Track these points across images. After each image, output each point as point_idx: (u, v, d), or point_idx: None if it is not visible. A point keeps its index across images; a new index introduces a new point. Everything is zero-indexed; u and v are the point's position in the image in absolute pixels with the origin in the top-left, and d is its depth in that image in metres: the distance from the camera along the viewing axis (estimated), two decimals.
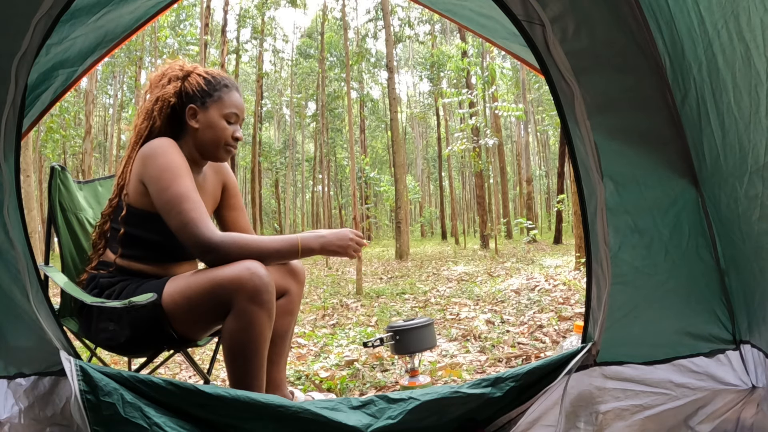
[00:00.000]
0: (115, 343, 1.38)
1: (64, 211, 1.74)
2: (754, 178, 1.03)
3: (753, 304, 1.19)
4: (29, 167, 6.45)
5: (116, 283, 1.42)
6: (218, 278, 1.27)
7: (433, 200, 39.09)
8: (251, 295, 1.24)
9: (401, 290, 5.55)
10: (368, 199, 25.38)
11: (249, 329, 1.26)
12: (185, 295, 1.30)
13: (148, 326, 1.33)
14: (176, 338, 1.36)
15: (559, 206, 12.66)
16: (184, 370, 2.63)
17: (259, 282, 1.25)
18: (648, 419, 1.23)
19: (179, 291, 1.31)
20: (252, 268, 1.25)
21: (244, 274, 1.24)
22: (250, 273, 1.25)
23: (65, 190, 1.75)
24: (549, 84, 1.28)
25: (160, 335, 1.35)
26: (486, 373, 2.12)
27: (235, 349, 1.28)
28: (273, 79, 31.29)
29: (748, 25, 0.93)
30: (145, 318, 1.32)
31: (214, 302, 1.28)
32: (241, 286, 1.24)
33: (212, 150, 1.52)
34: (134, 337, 1.35)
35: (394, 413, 1.18)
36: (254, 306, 1.25)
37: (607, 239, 1.25)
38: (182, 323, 1.34)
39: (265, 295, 1.26)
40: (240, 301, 1.24)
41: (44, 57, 1.60)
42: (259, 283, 1.24)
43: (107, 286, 1.42)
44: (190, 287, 1.30)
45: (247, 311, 1.25)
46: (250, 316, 1.25)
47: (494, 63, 10.07)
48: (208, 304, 1.29)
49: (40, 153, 17.47)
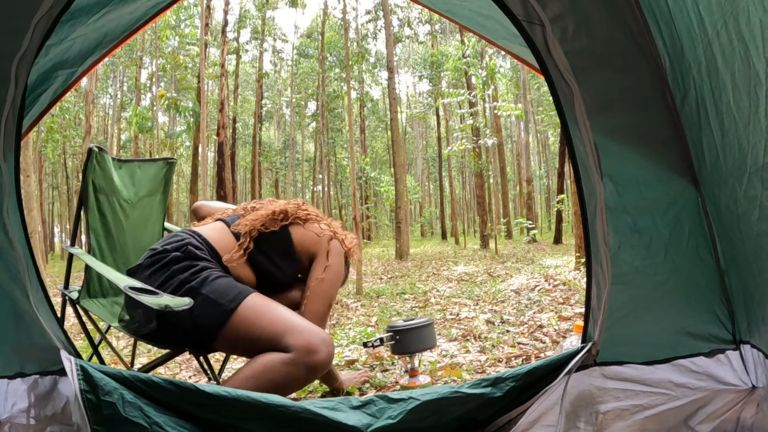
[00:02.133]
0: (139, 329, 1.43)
1: (97, 191, 1.76)
2: (754, 179, 1.03)
3: (753, 305, 1.19)
4: (29, 167, 6.45)
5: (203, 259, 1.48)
6: (298, 327, 1.35)
7: (433, 200, 39.09)
8: (312, 364, 1.32)
9: (401, 290, 5.55)
10: (368, 199, 25.38)
11: (286, 378, 1.32)
12: (259, 323, 1.36)
13: (180, 325, 1.38)
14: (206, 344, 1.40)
15: (559, 206, 12.66)
16: (184, 370, 2.63)
17: (326, 359, 1.34)
18: (648, 419, 1.24)
19: (252, 317, 1.36)
20: (328, 343, 1.35)
21: (320, 344, 1.33)
22: (326, 347, 1.34)
23: (101, 171, 1.77)
24: (549, 84, 1.28)
25: (188, 335, 1.38)
26: (486, 373, 2.12)
27: (261, 376, 1.31)
28: (273, 79, 31.27)
29: (747, 25, 0.93)
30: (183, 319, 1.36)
31: (279, 343, 1.34)
32: (311, 350, 1.31)
33: None
34: (161, 331, 1.39)
35: (394, 413, 1.18)
36: (306, 372, 1.32)
37: (607, 239, 1.25)
38: (231, 339, 1.38)
39: (319, 372, 1.36)
40: (301, 359, 1.31)
41: (44, 57, 1.60)
42: (324, 360, 1.34)
43: (197, 258, 1.47)
44: (268, 318, 1.37)
45: (299, 371, 1.32)
46: (296, 374, 1.32)
47: (492, 62, 10.05)
48: (270, 342, 1.34)
49: (40, 153, 17.47)
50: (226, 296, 1.38)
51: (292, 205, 1.71)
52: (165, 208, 2.22)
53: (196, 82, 14.48)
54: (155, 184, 2.16)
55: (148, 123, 12.56)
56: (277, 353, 1.32)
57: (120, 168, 1.93)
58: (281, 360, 1.31)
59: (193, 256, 1.47)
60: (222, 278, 1.44)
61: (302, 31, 29.36)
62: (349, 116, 6.66)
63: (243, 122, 27.91)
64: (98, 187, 1.76)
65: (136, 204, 2.04)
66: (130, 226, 1.98)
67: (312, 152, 32.66)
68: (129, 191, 1.96)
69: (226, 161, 15.02)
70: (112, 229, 1.82)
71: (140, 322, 1.41)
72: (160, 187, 2.18)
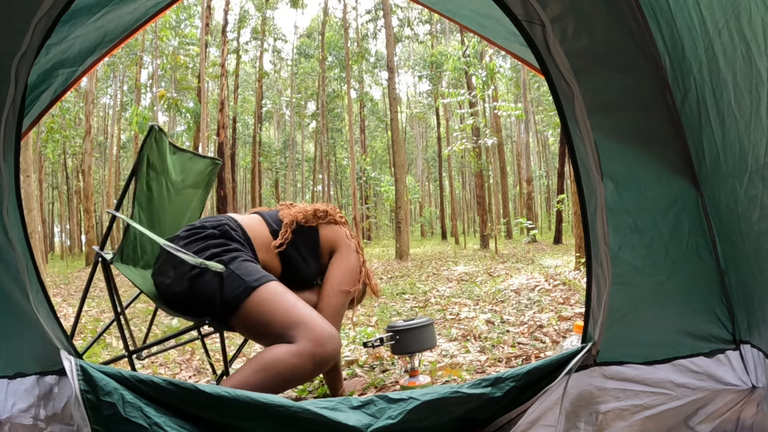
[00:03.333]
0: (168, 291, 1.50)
1: (150, 166, 1.81)
2: (754, 178, 1.03)
3: (753, 304, 1.19)
4: (29, 167, 6.45)
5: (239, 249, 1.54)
6: (311, 320, 1.38)
7: (433, 200, 39.10)
8: (319, 357, 1.34)
9: (401, 290, 5.55)
10: (368, 199, 25.39)
11: (291, 370, 1.33)
12: (275, 306, 1.40)
13: (206, 292, 1.43)
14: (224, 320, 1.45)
15: (559, 206, 12.66)
16: (184, 370, 2.63)
17: (333, 354, 1.37)
18: (648, 419, 1.23)
19: (270, 300, 1.41)
20: (336, 339, 1.38)
21: (327, 338, 1.36)
22: (334, 342, 1.37)
23: (157, 149, 1.82)
24: (549, 84, 1.28)
25: (211, 305, 1.43)
26: (486, 373, 2.12)
27: (269, 368, 1.32)
28: (273, 79, 31.27)
29: (749, 24, 0.93)
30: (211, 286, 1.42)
31: (289, 332, 1.36)
32: (319, 343, 1.34)
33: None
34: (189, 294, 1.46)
35: (394, 413, 1.18)
36: (312, 364, 1.34)
37: (607, 239, 1.25)
38: (247, 318, 1.42)
39: (325, 365, 1.38)
40: (309, 350, 1.33)
41: (44, 57, 1.60)
42: (332, 354, 1.36)
43: (232, 239, 1.56)
44: (284, 304, 1.41)
45: (306, 362, 1.33)
46: (303, 366, 1.33)
47: (492, 62, 10.05)
48: (281, 329, 1.37)
49: (40, 153, 17.48)
50: (252, 275, 1.45)
51: (331, 208, 1.82)
52: (204, 204, 2.33)
53: (196, 82, 14.49)
54: (200, 178, 2.27)
55: (148, 123, 12.56)
56: (285, 345, 1.35)
57: (174, 154, 2.00)
58: (288, 351, 1.33)
59: (229, 236, 1.57)
60: (250, 262, 1.53)
61: (302, 31, 29.37)
62: (349, 116, 6.67)
63: (243, 122, 27.91)
64: (151, 164, 1.82)
65: (181, 190, 2.11)
66: (172, 208, 2.05)
67: (312, 152, 32.67)
68: (177, 176, 2.03)
69: (226, 161, 15.03)
70: (155, 204, 1.89)
71: (173, 279, 1.50)
72: (204, 182, 2.30)
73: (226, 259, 1.47)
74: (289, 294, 1.47)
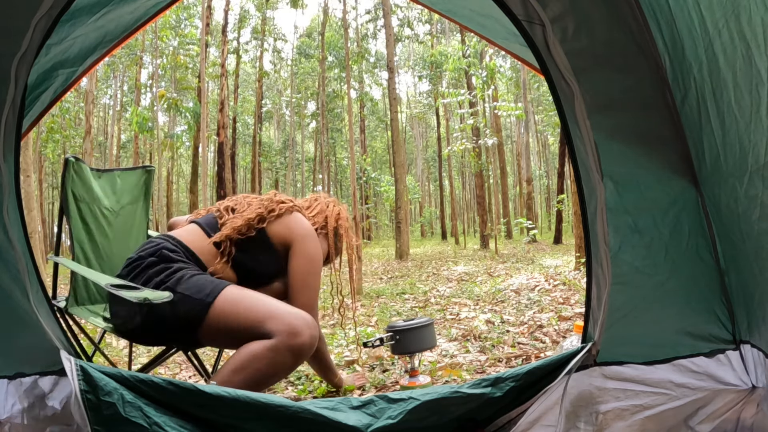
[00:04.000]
0: (126, 329, 1.44)
1: (77, 201, 1.77)
2: (755, 178, 1.03)
3: (753, 304, 1.19)
4: (29, 167, 6.45)
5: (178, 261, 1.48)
6: (278, 312, 1.34)
7: (433, 200, 39.08)
8: (297, 348, 1.31)
9: (401, 290, 5.55)
10: (368, 199, 25.39)
11: (273, 366, 1.31)
12: (237, 312, 1.36)
13: (163, 321, 1.38)
14: (191, 339, 1.40)
15: (559, 206, 12.66)
16: (184, 370, 2.63)
17: (310, 341, 1.33)
18: (648, 419, 1.23)
19: (234, 304, 1.37)
20: (311, 325, 1.35)
21: (302, 326, 1.32)
22: (309, 329, 1.33)
23: (80, 180, 1.78)
24: (549, 84, 1.28)
25: (173, 331, 1.38)
26: (486, 373, 2.12)
27: (247, 365, 1.30)
28: (273, 79, 31.27)
29: (749, 24, 0.93)
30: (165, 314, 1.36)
31: (261, 330, 1.33)
32: (294, 334, 1.31)
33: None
34: (145, 327, 1.39)
35: (394, 413, 1.17)
36: (291, 357, 1.32)
37: (607, 239, 1.25)
38: (213, 331, 1.38)
39: (304, 356, 1.35)
40: (284, 342, 1.30)
41: (44, 57, 1.60)
42: (308, 342, 1.33)
43: (172, 260, 1.48)
44: (246, 306, 1.36)
45: (282, 356, 1.31)
46: (282, 360, 1.31)
47: (492, 62, 10.05)
48: (251, 329, 1.34)
49: (40, 153, 17.47)
50: (203, 291, 1.39)
51: (266, 202, 1.70)
52: (148, 215, 2.23)
53: (197, 82, 14.49)
54: (136, 191, 2.18)
55: (148, 123, 12.57)
56: (260, 341, 1.31)
57: (99, 178, 1.94)
58: (264, 347, 1.30)
59: (167, 258, 1.49)
60: (197, 275, 1.46)
61: (302, 31, 29.37)
62: (349, 116, 6.67)
63: (243, 122, 27.90)
64: (78, 197, 1.77)
65: (119, 212, 2.06)
66: (115, 235, 2.00)
67: (312, 152, 32.66)
68: (110, 200, 1.96)
69: (226, 161, 15.02)
70: (96, 237, 1.83)
71: (124, 318, 1.43)
72: (141, 194, 2.21)
73: (171, 284, 1.40)
74: (249, 292, 1.43)
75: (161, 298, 1.25)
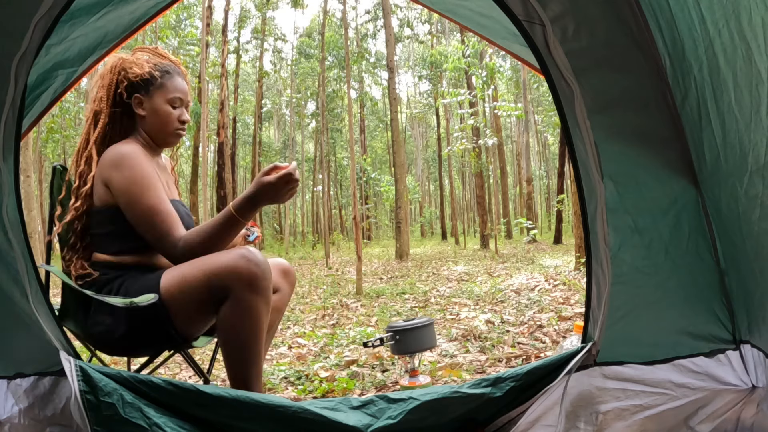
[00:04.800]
0: (111, 338, 1.36)
1: (65, 209, 1.74)
2: (755, 178, 1.03)
3: (753, 304, 1.19)
4: (29, 167, 6.46)
5: (113, 280, 1.40)
6: (214, 267, 1.26)
7: (433, 200, 39.08)
8: (249, 282, 1.24)
9: (401, 290, 5.55)
10: (368, 199, 25.39)
11: (246, 316, 1.25)
12: (181, 288, 1.30)
13: (146, 322, 1.32)
14: (175, 336, 1.35)
15: (559, 206, 12.67)
16: (184, 370, 2.63)
17: (256, 269, 1.25)
18: (648, 419, 1.23)
19: (176, 284, 1.30)
20: (248, 256, 1.26)
21: (240, 262, 1.25)
22: (247, 260, 1.25)
23: (66, 188, 1.76)
24: (549, 84, 1.28)
25: (158, 333, 1.34)
26: (486, 373, 2.12)
27: (232, 336, 1.27)
28: (273, 79, 31.26)
29: (749, 24, 0.93)
30: (144, 314, 1.30)
31: (211, 292, 1.27)
32: (237, 273, 1.24)
33: (162, 136, 1.53)
34: (131, 333, 1.33)
35: (394, 413, 1.17)
36: (252, 294, 1.25)
37: (607, 239, 1.25)
38: (181, 318, 1.33)
39: (263, 282, 1.26)
40: (237, 288, 1.24)
41: (44, 57, 1.60)
42: (256, 270, 1.25)
43: (105, 283, 1.41)
44: (186, 279, 1.29)
45: (245, 299, 1.25)
46: (248, 303, 1.25)
47: (492, 62, 10.05)
48: (205, 295, 1.28)
49: (40, 153, 17.47)
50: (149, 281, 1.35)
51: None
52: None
53: (197, 82, 14.48)
54: None
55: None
56: (225, 310, 1.26)
57: None
58: (231, 313, 1.25)
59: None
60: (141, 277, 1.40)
61: (302, 31, 29.35)
62: (349, 116, 6.67)
63: (243, 122, 27.90)
64: (65, 205, 1.75)
65: None
66: None
67: (312, 152, 32.66)
68: None
69: (226, 161, 15.02)
70: None
71: (110, 326, 1.35)
72: None
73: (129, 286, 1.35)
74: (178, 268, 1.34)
75: (147, 300, 1.23)
